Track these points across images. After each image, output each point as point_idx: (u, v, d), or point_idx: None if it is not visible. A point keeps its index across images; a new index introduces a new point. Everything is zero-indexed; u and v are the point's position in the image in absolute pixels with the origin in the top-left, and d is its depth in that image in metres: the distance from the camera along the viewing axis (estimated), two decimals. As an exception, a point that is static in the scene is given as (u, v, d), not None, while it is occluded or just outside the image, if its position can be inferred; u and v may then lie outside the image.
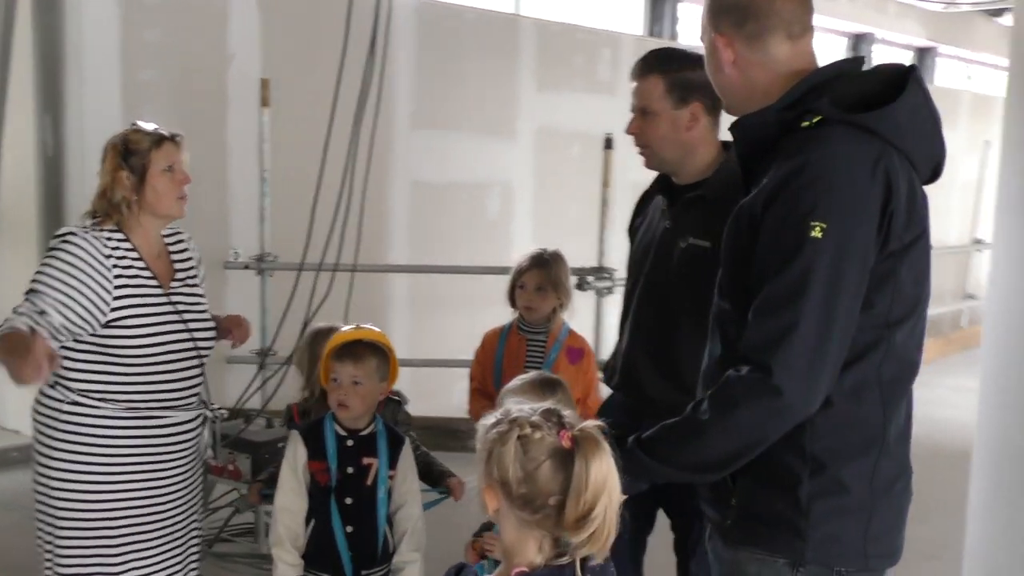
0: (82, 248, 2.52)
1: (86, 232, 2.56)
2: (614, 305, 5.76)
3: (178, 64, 5.35)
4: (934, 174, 1.76)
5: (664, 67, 2.56)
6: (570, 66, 7.48)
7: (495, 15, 7.12)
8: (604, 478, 1.46)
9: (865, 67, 1.83)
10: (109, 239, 2.56)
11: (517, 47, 7.10)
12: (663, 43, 8.53)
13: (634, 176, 6.77)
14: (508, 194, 7.20)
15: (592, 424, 1.52)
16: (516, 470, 1.48)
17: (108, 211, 2.59)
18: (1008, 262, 2.38)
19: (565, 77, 7.43)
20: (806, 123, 1.68)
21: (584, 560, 1.49)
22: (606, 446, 1.48)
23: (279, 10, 5.76)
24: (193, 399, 2.72)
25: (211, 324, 2.78)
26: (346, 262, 4.08)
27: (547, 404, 1.58)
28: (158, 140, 2.59)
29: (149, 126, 2.64)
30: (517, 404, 1.58)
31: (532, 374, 2.59)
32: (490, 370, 3.40)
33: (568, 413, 1.55)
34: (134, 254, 2.60)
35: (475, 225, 6.99)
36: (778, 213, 1.65)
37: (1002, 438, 2.24)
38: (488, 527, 2.56)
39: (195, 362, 2.70)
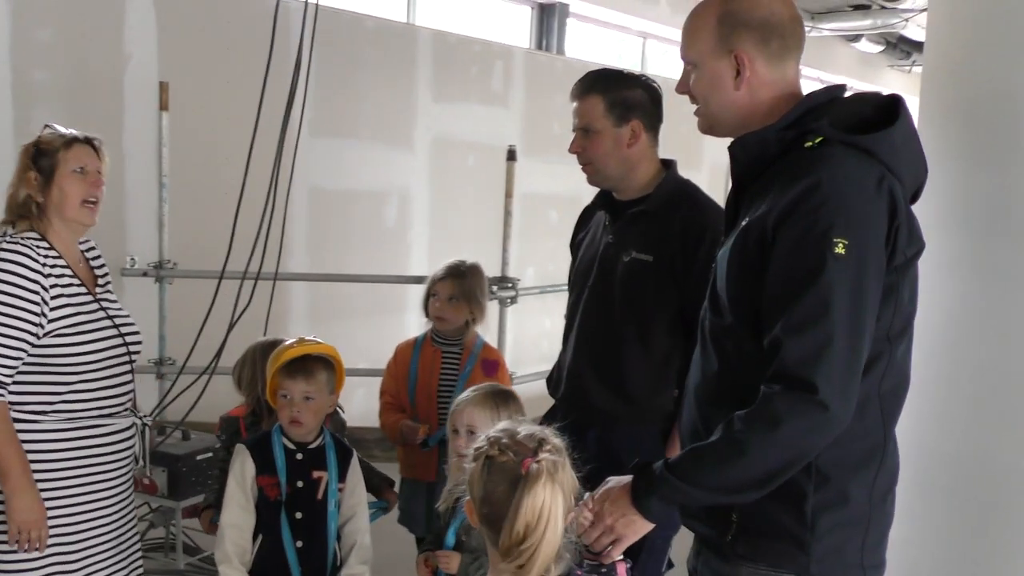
0: (17, 263, 2.42)
1: (15, 240, 2.45)
2: (515, 314, 5.90)
3: (72, 64, 5.16)
4: (915, 196, 1.82)
5: (603, 87, 2.66)
6: (465, 77, 7.57)
7: (393, 24, 7.14)
8: (535, 511, 1.45)
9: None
10: (37, 245, 2.47)
11: (414, 57, 7.13)
12: (552, 57, 8.72)
13: (525, 188, 6.93)
14: (405, 202, 7.22)
15: (550, 458, 1.52)
16: (479, 489, 1.51)
17: (19, 213, 2.50)
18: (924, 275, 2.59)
19: (460, 88, 7.51)
20: (809, 143, 1.72)
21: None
22: (549, 480, 1.48)
23: (176, 12, 5.63)
24: (128, 404, 2.66)
25: (137, 328, 2.71)
26: (254, 269, 4.00)
27: (537, 428, 1.58)
28: (69, 141, 2.51)
29: (64, 128, 2.56)
30: (522, 426, 1.59)
31: (485, 385, 2.61)
32: (404, 382, 3.38)
33: (554, 443, 1.56)
34: (61, 261, 2.52)
35: (373, 233, 6.98)
36: (795, 231, 1.66)
37: (920, 444, 2.41)
38: (434, 541, 2.59)
39: (128, 367, 2.64)
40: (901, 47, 12.88)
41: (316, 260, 6.48)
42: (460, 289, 3.31)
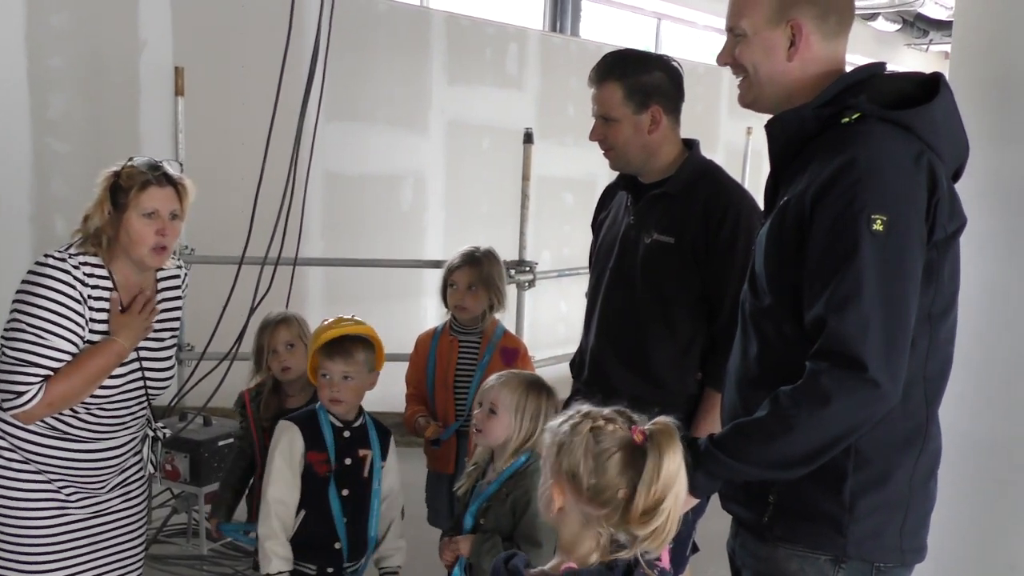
0: (55, 284, 2.36)
1: (62, 259, 2.39)
2: (531, 298, 5.88)
3: (87, 50, 5.13)
4: (956, 174, 1.80)
5: (620, 73, 2.60)
6: (479, 60, 7.52)
7: (406, 7, 7.09)
8: (675, 472, 1.47)
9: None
10: (85, 263, 2.41)
11: (428, 40, 7.09)
12: (566, 39, 8.66)
13: (540, 171, 6.90)
14: (420, 186, 7.19)
15: (666, 419, 1.53)
16: (587, 460, 1.49)
17: (88, 237, 2.44)
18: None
19: (474, 71, 7.46)
20: (846, 119, 1.71)
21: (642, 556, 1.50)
22: (679, 442, 1.49)
23: (190, -4, 5.61)
24: (133, 427, 2.57)
25: (168, 368, 2.61)
26: (274, 255, 3.98)
27: (616, 406, 1.58)
28: (144, 183, 2.40)
29: (147, 163, 2.45)
30: (587, 405, 1.59)
31: (526, 373, 2.61)
32: (423, 373, 3.34)
33: (638, 416, 1.56)
34: (109, 288, 2.44)
35: (388, 217, 6.96)
36: (832, 209, 1.65)
37: (953, 428, 2.38)
38: (454, 527, 2.58)
39: (141, 404, 2.56)
40: (918, 25, 12.74)
41: (331, 245, 6.47)
42: (478, 276, 3.25)
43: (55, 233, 4.94)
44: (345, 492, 2.63)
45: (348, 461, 2.65)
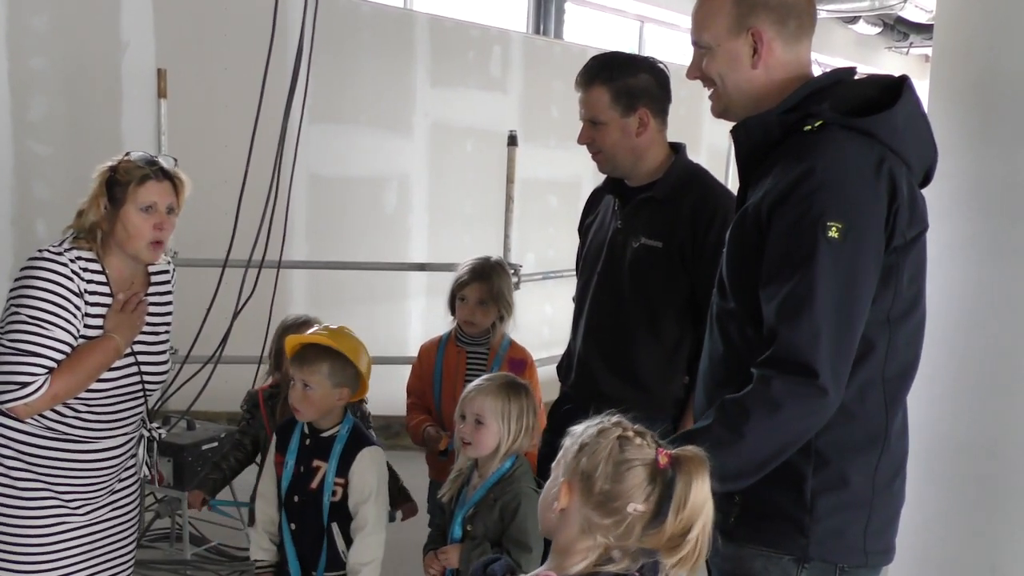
0: (54, 276, 2.36)
1: (59, 253, 2.38)
2: (516, 301, 5.87)
3: (69, 52, 5.11)
4: (926, 178, 1.82)
5: (607, 76, 2.61)
6: (463, 62, 7.52)
7: (390, 9, 7.08)
8: (704, 500, 1.45)
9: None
10: (80, 258, 2.39)
11: (412, 42, 7.08)
12: (550, 41, 8.67)
13: (524, 174, 6.89)
14: (404, 189, 7.18)
15: (695, 449, 1.50)
16: (606, 466, 1.46)
17: (82, 233, 2.43)
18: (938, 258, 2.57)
19: (458, 73, 7.46)
20: (808, 127, 1.72)
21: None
22: (708, 470, 1.47)
23: (172, -2, 5.59)
24: (131, 426, 2.57)
25: (163, 363, 2.61)
26: (258, 258, 3.96)
27: (644, 428, 1.56)
28: (143, 177, 2.39)
29: (144, 157, 2.44)
30: (618, 416, 1.57)
31: (500, 375, 2.61)
32: (429, 384, 3.30)
33: (662, 442, 1.54)
34: (105, 288, 2.43)
35: (372, 220, 6.95)
36: (790, 216, 1.67)
37: (932, 429, 2.39)
38: (438, 537, 2.59)
39: (138, 400, 2.55)
40: (898, 28, 12.83)
41: (315, 247, 6.45)
42: (489, 292, 3.19)
43: (36, 236, 4.91)
44: (296, 499, 2.66)
45: (302, 469, 2.66)
